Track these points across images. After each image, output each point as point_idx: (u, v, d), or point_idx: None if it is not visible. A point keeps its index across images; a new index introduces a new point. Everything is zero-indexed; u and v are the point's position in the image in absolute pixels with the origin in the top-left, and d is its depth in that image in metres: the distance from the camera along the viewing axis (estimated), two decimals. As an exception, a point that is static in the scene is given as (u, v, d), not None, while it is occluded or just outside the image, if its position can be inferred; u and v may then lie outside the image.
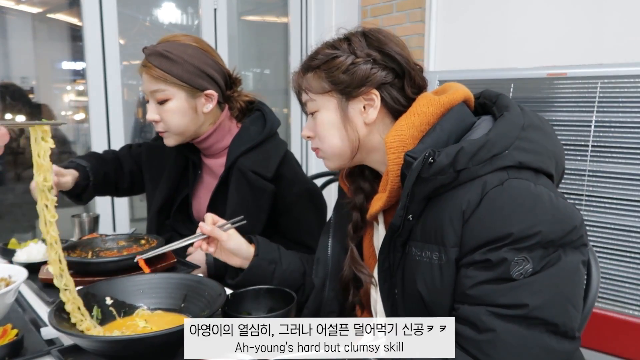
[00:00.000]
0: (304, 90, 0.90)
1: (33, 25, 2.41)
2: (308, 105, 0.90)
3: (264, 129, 1.32)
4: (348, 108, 0.85)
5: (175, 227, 1.44)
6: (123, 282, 0.95)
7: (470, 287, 0.70)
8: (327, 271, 0.98)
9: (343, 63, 0.84)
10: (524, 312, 0.67)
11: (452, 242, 0.72)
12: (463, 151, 0.71)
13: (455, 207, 0.72)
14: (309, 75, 0.89)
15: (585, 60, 1.91)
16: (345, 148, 0.87)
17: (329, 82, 0.85)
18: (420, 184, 0.73)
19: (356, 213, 0.93)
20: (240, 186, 1.27)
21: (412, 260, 0.78)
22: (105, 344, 0.75)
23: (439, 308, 0.75)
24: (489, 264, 0.69)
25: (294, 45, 3.01)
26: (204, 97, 1.27)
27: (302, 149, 3.05)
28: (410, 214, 0.76)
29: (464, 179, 0.72)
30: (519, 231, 0.67)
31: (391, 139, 0.80)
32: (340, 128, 0.86)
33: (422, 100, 0.82)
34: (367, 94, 0.84)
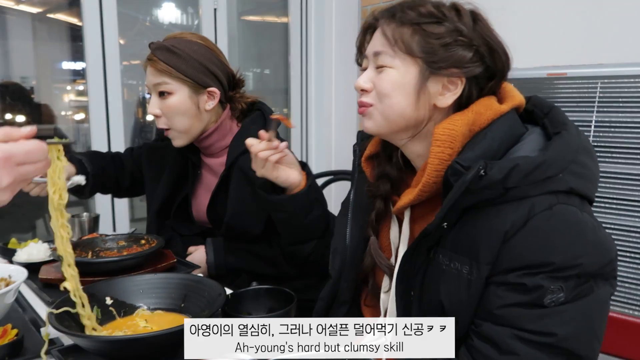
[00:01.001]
0: (388, 39, 0.78)
1: (33, 25, 2.41)
2: (382, 57, 0.78)
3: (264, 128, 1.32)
4: (428, 81, 0.76)
5: (175, 227, 1.44)
6: (123, 282, 0.95)
7: (499, 307, 0.68)
8: (345, 261, 0.93)
9: (444, 36, 0.74)
10: (551, 341, 0.65)
11: (486, 259, 0.69)
12: (518, 169, 0.66)
13: (497, 225, 0.68)
14: (405, 28, 0.76)
15: (585, 60, 1.91)
16: (406, 119, 0.78)
17: (420, 47, 0.75)
18: (465, 196, 0.68)
19: (380, 201, 0.87)
20: (241, 185, 1.28)
21: (437, 267, 0.74)
22: (105, 344, 0.75)
23: (459, 320, 0.72)
24: (523, 288, 0.66)
25: (294, 45, 3.01)
26: (206, 94, 1.28)
27: (302, 149, 3.05)
28: (445, 221, 0.72)
29: (511, 198, 0.68)
30: (561, 261, 0.65)
31: (441, 131, 0.74)
32: (411, 96, 0.77)
33: (483, 101, 0.77)
34: (453, 78, 0.76)
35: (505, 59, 0.78)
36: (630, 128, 1.75)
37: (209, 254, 1.31)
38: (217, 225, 1.36)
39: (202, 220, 1.41)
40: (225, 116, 1.33)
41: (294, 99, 3.04)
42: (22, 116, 2.39)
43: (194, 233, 1.43)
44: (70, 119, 2.55)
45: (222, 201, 1.31)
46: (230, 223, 1.30)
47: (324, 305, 0.96)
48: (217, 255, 1.31)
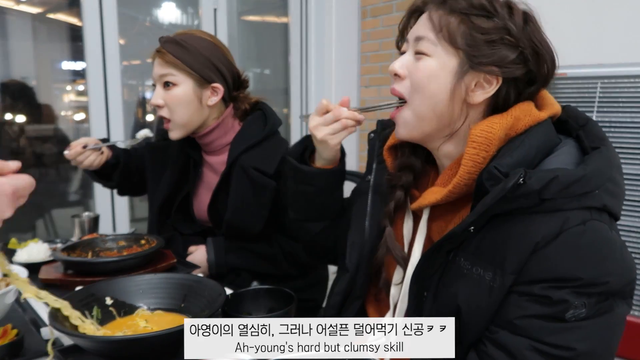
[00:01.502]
0: (433, 25, 0.75)
1: (33, 25, 2.41)
2: (422, 44, 0.75)
3: (265, 127, 1.34)
4: (465, 76, 0.73)
5: (176, 226, 1.44)
6: (123, 282, 0.95)
7: (519, 317, 0.67)
8: (362, 255, 0.91)
9: (491, 32, 0.72)
10: (569, 355, 0.65)
11: (512, 268, 0.67)
12: (557, 180, 0.65)
13: (527, 235, 0.67)
14: (453, 17, 0.73)
15: (585, 60, 1.91)
16: (438, 113, 0.75)
17: (463, 38, 0.72)
18: (500, 202, 0.66)
19: (400, 192, 0.84)
20: (241, 183, 1.28)
21: (457, 270, 0.73)
22: (105, 344, 0.75)
23: (474, 325, 0.71)
24: (548, 301, 0.65)
25: (294, 45, 3.01)
26: (210, 90, 1.29)
27: (302, 149, 3.05)
28: (473, 225, 0.69)
29: (545, 209, 0.67)
30: (589, 277, 0.65)
31: (479, 133, 0.72)
32: (447, 89, 0.74)
33: (522, 106, 0.75)
34: (489, 76, 0.73)
35: (551, 65, 0.76)
36: (630, 128, 1.76)
37: (209, 253, 1.32)
38: (217, 224, 1.37)
39: (203, 219, 1.41)
40: (227, 114, 1.34)
41: (294, 99, 3.04)
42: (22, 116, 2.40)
43: (194, 232, 1.43)
44: (70, 119, 2.55)
45: (223, 199, 1.32)
46: (231, 221, 1.30)
47: (339, 300, 0.93)
48: (217, 254, 1.32)
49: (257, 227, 1.30)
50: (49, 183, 2.60)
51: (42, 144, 2.53)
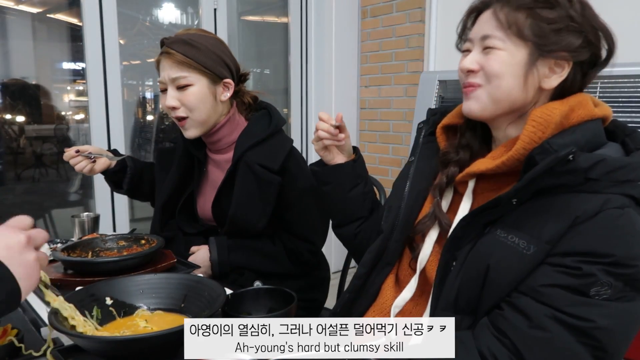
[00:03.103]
0: (500, 22, 0.79)
1: (33, 25, 2.41)
2: (491, 40, 0.80)
3: (270, 125, 1.35)
4: (537, 63, 0.78)
5: (179, 225, 1.45)
6: (123, 282, 0.95)
7: (545, 285, 0.69)
8: (397, 220, 0.95)
9: (556, 21, 0.77)
10: (587, 327, 0.67)
11: (548, 238, 0.70)
12: (604, 162, 0.70)
13: (568, 209, 0.70)
14: (519, 13, 0.78)
15: (585, 60, 1.91)
16: (512, 100, 0.80)
17: (531, 30, 0.77)
18: (547, 175, 0.71)
19: (455, 168, 0.89)
20: (246, 179, 1.29)
21: (492, 238, 0.76)
22: (105, 344, 0.75)
23: (497, 291, 0.74)
24: (577, 272, 0.68)
25: (294, 45, 3.01)
26: (222, 86, 1.31)
27: (302, 149, 3.05)
28: (516, 197, 0.73)
29: (588, 189, 0.71)
30: (620, 257, 0.67)
31: (539, 114, 0.76)
32: (520, 77, 0.79)
33: (580, 98, 0.80)
34: (560, 61, 0.78)
35: (611, 44, 0.81)
36: (630, 128, 1.75)
37: (212, 252, 1.32)
38: (221, 222, 1.37)
39: (207, 218, 1.42)
40: (234, 109, 1.36)
41: (294, 99, 3.04)
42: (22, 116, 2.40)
43: (197, 231, 1.43)
44: (70, 119, 2.55)
45: (227, 196, 1.32)
46: (234, 217, 1.30)
47: (371, 258, 0.96)
48: (220, 253, 1.32)
49: (260, 224, 1.30)
50: (49, 183, 2.60)
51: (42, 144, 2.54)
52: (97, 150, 1.39)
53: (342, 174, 1.07)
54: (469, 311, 0.77)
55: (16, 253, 0.63)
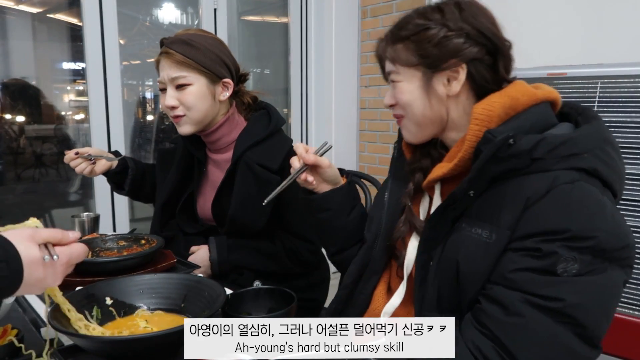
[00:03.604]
0: (389, 60, 0.88)
1: (33, 25, 2.41)
2: (392, 75, 0.88)
3: (270, 125, 1.35)
4: (432, 80, 0.84)
5: (179, 225, 1.45)
6: (123, 282, 0.95)
7: (512, 270, 0.71)
8: (380, 228, 0.97)
9: (435, 36, 0.81)
10: (559, 306, 0.67)
11: (507, 224, 0.72)
12: (545, 141, 0.72)
13: (520, 192, 0.72)
14: (397, 47, 0.85)
15: (585, 60, 1.91)
16: (428, 119, 0.86)
17: (417, 55, 0.83)
18: (493, 162, 0.73)
19: (420, 175, 0.93)
20: (246, 179, 1.29)
21: (459, 236, 0.78)
22: (105, 344, 0.75)
23: (471, 284, 0.75)
24: (538, 253, 0.69)
25: (294, 45, 3.01)
26: (221, 85, 1.31)
27: (302, 149, 3.05)
28: (472, 189, 0.76)
29: (536, 169, 0.73)
30: (577, 230, 0.68)
31: (480, 111, 0.79)
32: (423, 99, 0.85)
33: (518, 86, 0.82)
34: (453, 68, 0.82)
35: (492, 26, 0.83)
36: (630, 128, 1.75)
37: (212, 252, 1.32)
38: (221, 222, 1.37)
39: (207, 217, 1.42)
40: (233, 109, 1.36)
41: (294, 99, 3.04)
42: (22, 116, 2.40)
43: (197, 231, 1.43)
44: (70, 119, 2.55)
45: (227, 196, 1.32)
46: (234, 216, 1.31)
47: (356, 268, 0.98)
48: (220, 252, 1.32)
49: (260, 223, 1.31)
50: (49, 183, 2.60)
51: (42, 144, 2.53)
52: (97, 151, 1.40)
53: (339, 198, 1.05)
54: (452, 310, 0.78)
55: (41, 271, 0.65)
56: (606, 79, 1.79)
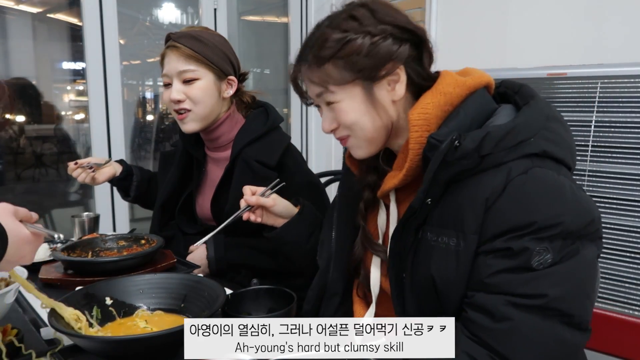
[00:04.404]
0: (316, 84, 0.82)
1: (33, 25, 2.41)
2: (325, 97, 0.82)
3: (267, 122, 1.36)
4: (374, 90, 0.80)
5: (179, 226, 1.45)
6: (123, 282, 0.95)
7: (489, 275, 0.69)
8: (331, 252, 0.95)
9: (362, 46, 0.77)
10: (542, 302, 0.66)
11: (472, 229, 0.71)
12: (489, 136, 0.70)
13: (478, 193, 0.71)
14: (325, 68, 0.80)
15: (585, 60, 1.91)
16: (379, 131, 0.82)
17: (350, 70, 0.78)
18: (444, 168, 0.71)
19: (368, 192, 0.90)
20: (243, 176, 1.29)
21: (426, 245, 0.76)
22: (105, 344, 0.75)
23: (451, 295, 0.74)
24: (510, 253, 0.68)
25: (294, 45, 3.00)
26: (226, 82, 1.33)
27: (302, 149, 3.05)
28: (429, 197, 0.74)
29: (488, 165, 0.71)
30: (542, 220, 0.67)
31: (416, 117, 0.77)
32: (370, 113, 0.80)
33: (447, 79, 0.80)
34: (392, 72, 0.79)
35: (409, 23, 0.80)
36: (630, 128, 1.75)
37: (209, 250, 1.32)
38: (219, 221, 1.37)
39: (206, 217, 1.42)
40: (234, 107, 1.38)
41: (294, 99, 3.04)
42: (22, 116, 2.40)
43: (197, 232, 1.44)
44: (70, 119, 2.55)
45: (225, 194, 1.33)
46: (231, 213, 1.31)
47: (314, 295, 0.97)
48: (217, 250, 1.32)
49: None
50: (49, 183, 2.60)
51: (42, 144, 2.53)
52: (97, 160, 1.43)
53: (293, 231, 1.06)
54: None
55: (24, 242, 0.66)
56: (606, 79, 1.79)
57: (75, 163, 1.39)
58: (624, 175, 1.77)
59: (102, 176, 1.43)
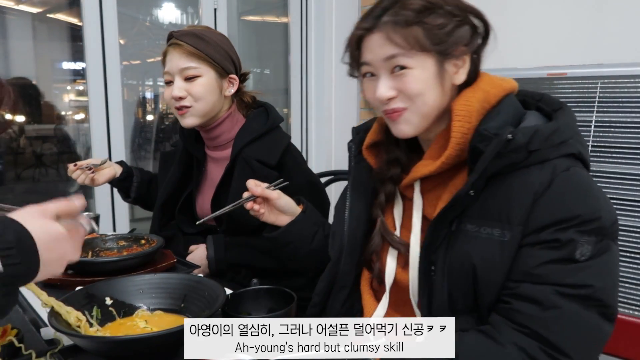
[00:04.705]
0: (394, 44, 0.78)
1: (33, 25, 2.41)
2: (398, 60, 0.79)
3: (267, 121, 1.37)
4: (444, 67, 0.80)
5: (180, 227, 1.45)
6: (123, 282, 0.95)
7: (536, 266, 0.71)
8: (343, 244, 0.95)
9: (445, 23, 0.78)
10: (588, 293, 0.69)
11: (518, 220, 0.73)
12: (538, 133, 0.74)
13: (526, 186, 0.73)
14: (412, 29, 0.78)
15: (585, 60, 1.91)
16: (435, 110, 0.82)
17: (429, 40, 0.78)
18: (494, 159, 0.73)
19: (390, 184, 0.91)
20: (244, 175, 1.29)
21: (465, 236, 0.77)
22: (105, 344, 0.75)
23: (491, 284, 0.75)
24: (557, 244, 0.71)
25: (294, 45, 3.00)
26: (228, 81, 1.34)
27: (302, 149, 3.05)
28: (473, 188, 0.75)
29: (533, 161, 0.74)
30: (585, 214, 0.70)
31: (460, 107, 0.79)
32: (436, 88, 0.80)
33: (486, 78, 0.83)
34: (461, 56, 0.81)
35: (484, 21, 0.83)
36: (630, 128, 1.75)
37: (209, 250, 1.33)
38: (219, 221, 1.37)
39: None
40: (235, 107, 1.38)
41: (294, 99, 3.04)
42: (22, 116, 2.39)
43: (197, 232, 1.44)
44: (70, 119, 2.55)
45: (225, 193, 1.33)
46: (231, 213, 1.31)
47: (324, 286, 0.97)
48: (217, 250, 1.32)
49: (257, 220, 1.31)
50: (49, 183, 2.60)
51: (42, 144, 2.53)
52: (95, 161, 1.43)
53: (298, 230, 1.05)
54: (468, 311, 0.78)
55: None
56: (606, 79, 1.79)
57: (74, 165, 1.40)
58: (624, 175, 1.77)
59: (102, 178, 1.43)
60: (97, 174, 1.42)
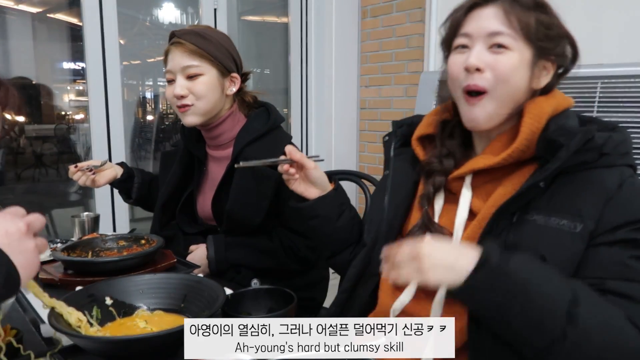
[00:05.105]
0: (505, 23, 0.80)
1: (33, 25, 2.41)
2: (502, 38, 0.80)
3: (268, 121, 1.37)
4: (537, 63, 0.82)
5: (179, 225, 1.45)
6: (123, 282, 0.95)
7: (617, 263, 0.73)
8: (380, 232, 0.96)
9: (551, 27, 0.82)
10: None
11: (590, 214, 0.74)
12: (612, 139, 0.77)
13: (598, 185, 0.76)
14: (531, 14, 0.80)
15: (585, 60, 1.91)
16: (516, 100, 0.82)
17: (536, 33, 0.80)
18: (572, 154, 0.75)
19: (440, 177, 0.90)
20: (245, 175, 1.30)
21: (530, 228, 0.77)
22: (105, 344, 0.75)
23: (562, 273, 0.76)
24: (636, 243, 0.73)
25: (294, 45, 3.01)
26: (229, 79, 1.34)
27: (302, 149, 3.05)
28: (543, 180, 0.76)
29: (603, 164, 0.77)
30: None
31: (534, 107, 0.81)
32: (525, 78, 0.81)
33: (557, 92, 0.86)
34: (549, 63, 0.83)
35: (575, 51, 0.86)
36: (630, 128, 1.75)
37: (209, 250, 1.33)
38: (220, 220, 1.38)
39: (207, 217, 1.42)
40: (236, 106, 1.38)
41: (294, 99, 3.04)
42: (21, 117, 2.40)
43: (197, 231, 1.44)
44: (70, 119, 2.55)
45: (226, 193, 1.33)
46: (231, 211, 1.31)
47: (355, 272, 0.97)
48: (217, 250, 1.32)
49: (257, 218, 1.31)
50: (49, 183, 2.60)
51: (42, 144, 2.54)
52: (95, 162, 1.43)
53: (327, 205, 1.06)
54: None
55: (15, 240, 0.61)
56: (606, 79, 1.79)
57: (75, 166, 1.40)
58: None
59: (102, 179, 1.44)
60: (98, 175, 1.42)
